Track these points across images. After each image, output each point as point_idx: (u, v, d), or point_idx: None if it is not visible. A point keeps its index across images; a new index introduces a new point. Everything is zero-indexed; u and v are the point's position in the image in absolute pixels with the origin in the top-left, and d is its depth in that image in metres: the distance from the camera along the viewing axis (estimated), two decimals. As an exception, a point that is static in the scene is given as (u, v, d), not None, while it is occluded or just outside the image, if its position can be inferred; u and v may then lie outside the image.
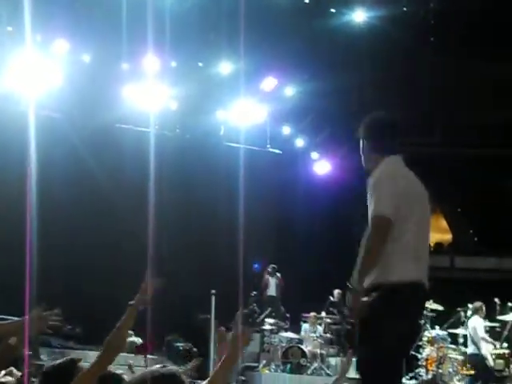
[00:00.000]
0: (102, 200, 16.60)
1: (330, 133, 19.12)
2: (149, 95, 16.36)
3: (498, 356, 13.91)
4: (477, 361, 13.92)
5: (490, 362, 13.81)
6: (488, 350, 13.88)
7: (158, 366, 3.04)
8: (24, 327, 4.07)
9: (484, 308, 14.22)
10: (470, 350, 14.03)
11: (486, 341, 13.95)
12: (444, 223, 24.07)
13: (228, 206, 16.20)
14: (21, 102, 15.03)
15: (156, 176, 15.70)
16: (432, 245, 23.64)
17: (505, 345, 14.30)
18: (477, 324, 14.00)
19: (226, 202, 16.55)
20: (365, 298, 4.64)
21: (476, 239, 23.53)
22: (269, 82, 17.04)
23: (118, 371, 7.96)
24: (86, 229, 16.35)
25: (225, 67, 16.42)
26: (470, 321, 14.13)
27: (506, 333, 14.49)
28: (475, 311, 14.15)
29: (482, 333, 13.93)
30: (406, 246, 4.75)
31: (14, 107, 15.11)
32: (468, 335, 14.13)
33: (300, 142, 19.20)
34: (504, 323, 14.68)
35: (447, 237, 24.29)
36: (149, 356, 13.10)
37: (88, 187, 16.54)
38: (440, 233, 23.73)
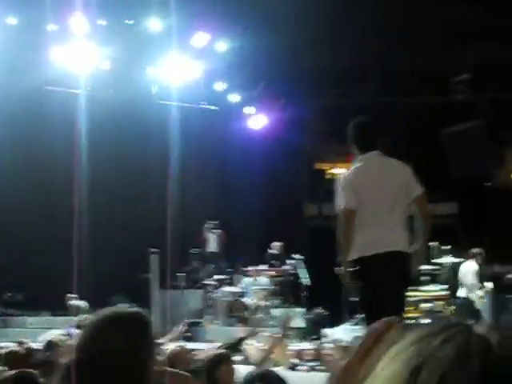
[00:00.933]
0: (33, 164, 16.38)
1: (265, 87, 19.10)
2: (79, 56, 16.10)
3: (437, 298, 14.39)
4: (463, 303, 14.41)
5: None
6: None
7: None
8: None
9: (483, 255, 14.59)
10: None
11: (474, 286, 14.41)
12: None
13: (165, 166, 16.15)
14: None
15: (89, 138, 15.58)
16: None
17: (444, 286, 14.77)
18: (470, 269, 14.44)
19: (162, 162, 16.50)
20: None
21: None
22: (200, 38, 16.87)
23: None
24: (17, 195, 16.12)
25: (155, 24, 16.21)
26: (463, 265, 14.57)
27: (444, 275, 14.96)
28: (473, 256, 14.54)
29: (473, 279, 14.34)
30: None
31: None
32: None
33: (235, 98, 19.12)
34: (442, 265, 15.14)
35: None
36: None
37: (19, 153, 16.27)
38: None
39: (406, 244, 6.20)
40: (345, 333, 13.20)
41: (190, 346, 13.03)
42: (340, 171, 24.59)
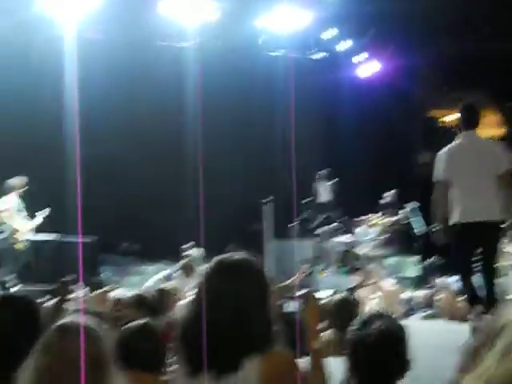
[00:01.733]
0: (142, 121, 16.67)
1: (375, 34, 18.71)
2: (187, 9, 16.18)
3: None
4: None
5: None
6: None
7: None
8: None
9: None
10: None
11: None
12: (495, 119, 23.62)
13: (273, 116, 16.17)
14: (56, 25, 15.00)
15: (198, 91, 15.71)
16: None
17: None
18: None
19: (269, 112, 16.52)
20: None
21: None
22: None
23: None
24: (127, 149, 16.47)
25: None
26: None
27: None
28: None
29: None
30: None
31: (49, 31, 15.10)
32: None
33: (345, 45, 18.79)
34: None
35: (499, 132, 23.88)
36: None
37: (128, 109, 16.59)
38: (492, 128, 23.32)
39: (496, 213, 6.97)
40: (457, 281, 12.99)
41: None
42: (453, 118, 24.08)
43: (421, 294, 11.93)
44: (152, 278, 11.35)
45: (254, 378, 2.79)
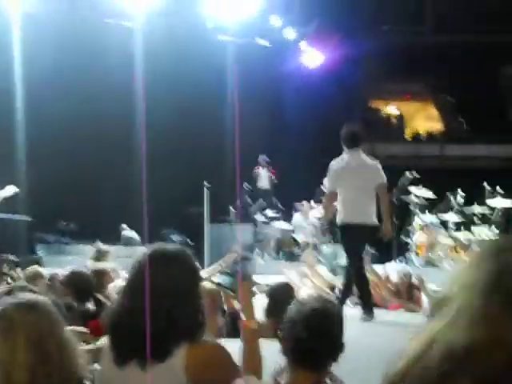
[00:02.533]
0: (89, 99, 16.52)
1: (320, 23, 18.83)
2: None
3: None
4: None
5: None
6: None
7: None
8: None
9: None
10: None
11: None
12: (435, 112, 24.08)
13: (220, 102, 16.19)
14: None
15: (146, 74, 15.67)
16: (423, 134, 23.75)
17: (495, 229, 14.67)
18: None
19: (216, 98, 16.53)
20: None
21: (466, 127, 23.56)
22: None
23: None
24: (76, 130, 16.30)
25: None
26: None
27: (496, 218, 14.85)
28: None
29: None
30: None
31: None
32: None
33: (290, 34, 18.84)
34: (495, 209, 15.01)
35: (438, 126, 24.36)
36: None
37: (78, 88, 16.43)
38: (431, 122, 23.78)
39: (372, 218, 8.75)
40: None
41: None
42: (395, 110, 24.48)
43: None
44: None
45: (181, 366, 2.84)
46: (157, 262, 2.96)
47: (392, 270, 12.97)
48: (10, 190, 12.17)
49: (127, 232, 15.32)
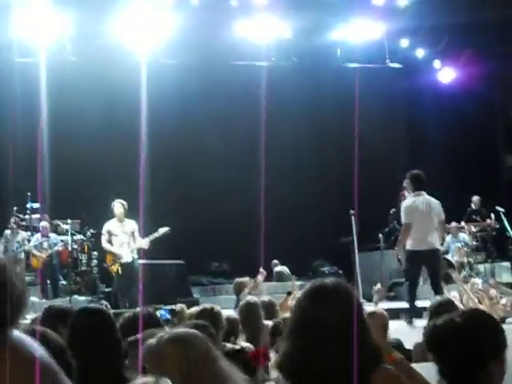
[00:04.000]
0: (223, 138, 16.87)
1: (449, 40, 18.46)
2: (261, 28, 16.35)
3: None
4: None
5: None
6: None
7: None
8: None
9: None
10: None
11: None
12: None
13: (351, 127, 16.09)
14: (134, 52, 15.36)
15: (276, 107, 15.83)
16: None
17: None
18: None
19: (347, 124, 16.46)
20: None
21: None
22: (380, -5, 16.58)
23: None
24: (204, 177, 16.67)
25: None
26: None
27: None
28: None
29: None
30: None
31: (127, 59, 15.47)
32: None
33: (420, 53, 18.62)
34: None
35: None
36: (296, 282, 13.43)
37: (211, 129, 16.82)
38: None
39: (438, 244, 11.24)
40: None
41: (394, 305, 13.09)
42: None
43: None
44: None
45: None
46: (321, 299, 2.86)
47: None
48: (162, 230, 12.54)
49: (279, 267, 15.41)
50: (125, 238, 12.68)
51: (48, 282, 14.07)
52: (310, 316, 2.78)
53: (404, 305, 11.85)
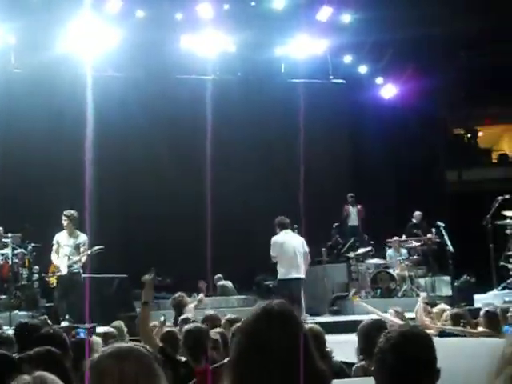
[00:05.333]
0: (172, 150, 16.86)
1: (392, 57, 18.75)
2: (206, 42, 16.43)
3: None
4: None
5: None
6: None
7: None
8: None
9: None
10: None
11: None
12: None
13: (294, 144, 16.21)
14: (79, 64, 15.29)
15: (221, 121, 15.89)
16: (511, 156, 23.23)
17: None
18: None
19: (291, 140, 16.61)
20: None
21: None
22: (324, 12, 16.80)
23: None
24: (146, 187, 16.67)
25: (278, 3, 16.25)
26: None
27: None
28: None
29: None
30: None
31: (72, 70, 15.37)
32: None
33: (363, 69, 18.87)
34: None
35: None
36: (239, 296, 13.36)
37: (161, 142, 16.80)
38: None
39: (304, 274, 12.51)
40: (496, 298, 12.90)
41: (337, 319, 13.21)
42: (480, 134, 24.02)
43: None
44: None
45: None
46: (273, 320, 2.84)
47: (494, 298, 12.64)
48: (95, 248, 12.43)
49: (222, 282, 15.42)
50: (67, 250, 12.52)
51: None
52: (259, 339, 2.75)
53: (346, 318, 11.99)
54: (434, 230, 15.77)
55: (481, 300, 13.14)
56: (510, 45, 18.38)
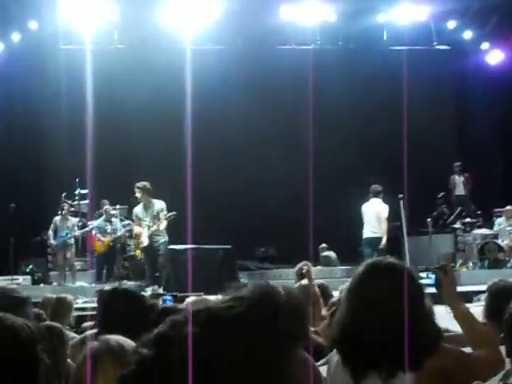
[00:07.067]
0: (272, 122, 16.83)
1: (498, 21, 18.10)
2: (307, 12, 16.27)
3: None
4: None
5: None
6: None
7: None
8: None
9: None
10: None
11: None
12: None
13: (397, 111, 15.87)
14: (179, 39, 15.39)
15: (322, 90, 15.72)
16: None
17: None
18: None
19: (393, 108, 16.27)
20: None
21: None
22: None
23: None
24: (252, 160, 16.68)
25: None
26: None
27: None
28: None
29: None
30: None
31: (172, 44, 15.49)
32: None
33: (468, 35, 18.30)
34: None
35: None
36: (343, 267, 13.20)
37: (253, 113, 16.80)
38: None
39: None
40: None
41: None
42: None
43: None
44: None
45: (425, 376, 2.74)
46: (379, 274, 2.82)
47: None
48: (168, 214, 12.49)
49: (326, 252, 15.34)
50: (147, 221, 12.67)
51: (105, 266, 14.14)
52: (369, 288, 2.80)
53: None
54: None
55: None
56: None
